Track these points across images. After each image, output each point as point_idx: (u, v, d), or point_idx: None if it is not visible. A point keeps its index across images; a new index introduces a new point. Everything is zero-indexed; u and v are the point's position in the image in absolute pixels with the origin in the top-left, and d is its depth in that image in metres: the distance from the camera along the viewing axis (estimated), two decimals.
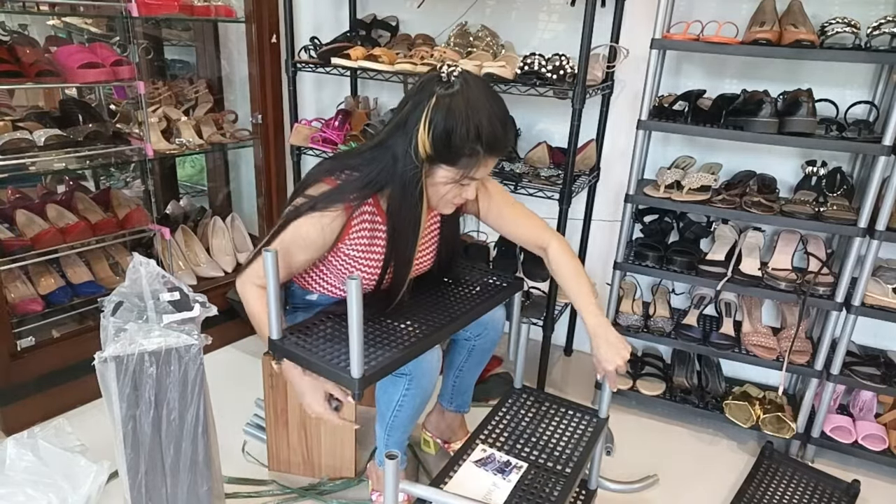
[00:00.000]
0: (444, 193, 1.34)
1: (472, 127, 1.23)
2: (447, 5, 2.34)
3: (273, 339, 1.28)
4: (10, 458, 1.52)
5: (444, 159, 1.27)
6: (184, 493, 1.38)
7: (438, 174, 1.30)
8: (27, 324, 1.97)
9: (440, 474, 1.31)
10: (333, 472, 1.76)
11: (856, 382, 1.85)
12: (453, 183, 1.31)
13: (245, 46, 2.37)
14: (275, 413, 1.72)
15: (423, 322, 1.39)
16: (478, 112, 1.23)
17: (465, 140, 1.23)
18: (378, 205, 1.39)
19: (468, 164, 1.28)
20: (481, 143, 1.24)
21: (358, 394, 1.20)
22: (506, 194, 1.58)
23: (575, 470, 1.33)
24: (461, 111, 1.22)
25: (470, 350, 1.69)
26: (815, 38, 1.65)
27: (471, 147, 1.25)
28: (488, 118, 1.24)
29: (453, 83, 1.25)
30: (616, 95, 2.19)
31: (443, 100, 1.23)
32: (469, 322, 1.49)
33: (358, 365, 1.16)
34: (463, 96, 1.23)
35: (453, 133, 1.23)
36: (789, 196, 1.98)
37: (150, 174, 2.30)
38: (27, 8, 2.23)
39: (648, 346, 2.40)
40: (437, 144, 1.25)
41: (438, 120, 1.23)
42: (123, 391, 1.24)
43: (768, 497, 1.74)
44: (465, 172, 1.29)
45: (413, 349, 1.30)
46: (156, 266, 1.37)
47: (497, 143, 1.27)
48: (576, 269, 1.51)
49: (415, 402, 1.47)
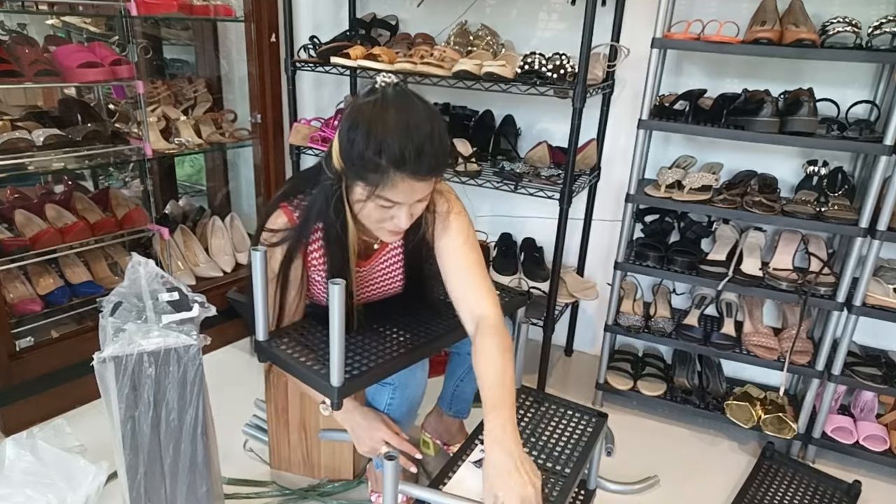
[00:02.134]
0: (368, 214, 1.23)
1: (374, 140, 1.11)
2: (447, 4, 2.33)
3: (259, 340, 1.29)
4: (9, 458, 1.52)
5: (352, 172, 1.18)
6: (183, 493, 1.38)
7: (356, 191, 1.21)
8: (26, 324, 1.97)
9: (439, 475, 1.30)
10: (332, 472, 1.75)
11: (857, 383, 1.85)
12: (369, 201, 1.20)
13: (244, 45, 2.37)
14: (276, 412, 1.72)
15: (414, 333, 1.37)
16: (386, 124, 1.11)
17: (365, 152, 1.12)
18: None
19: (376, 180, 1.15)
20: (384, 157, 1.12)
21: (336, 403, 1.18)
22: (469, 242, 1.36)
23: (574, 470, 1.33)
24: (366, 121, 1.12)
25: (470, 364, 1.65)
26: (816, 37, 1.64)
27: (374, 162, 1.12)
28: (398, 133, 1.11)
29: (376, 92, 1.16)
30: (617, 95, 2.19)
31: (356, 108, 1.16)
32: (462, 337, 1.39)
33: (338, 374, 1.14)
34: (376, 106, 1.13)
35: (355, 143, 1.14)
36: (790, 196, 1.97)
37: (148, 174, 2.30)
38: (26, 7, 2.22)
39: (649, 346, 2.40)
40: (343, 155, 1.17)
41: (344, 129, 1.16)
42: (122, 391, 1.24)
43: (769, 498, 1.74)
44: (375, 191, 1.16)
45: (397, 362, 1.29)
46: (155, 266, 1.37)
47: (403, 162, 1.12)
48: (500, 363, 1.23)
49: (401, 409, 1.46)
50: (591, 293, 2.27)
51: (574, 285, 2.26)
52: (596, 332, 2.51)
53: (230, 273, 2.48)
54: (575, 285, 2.26)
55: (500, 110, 2.34)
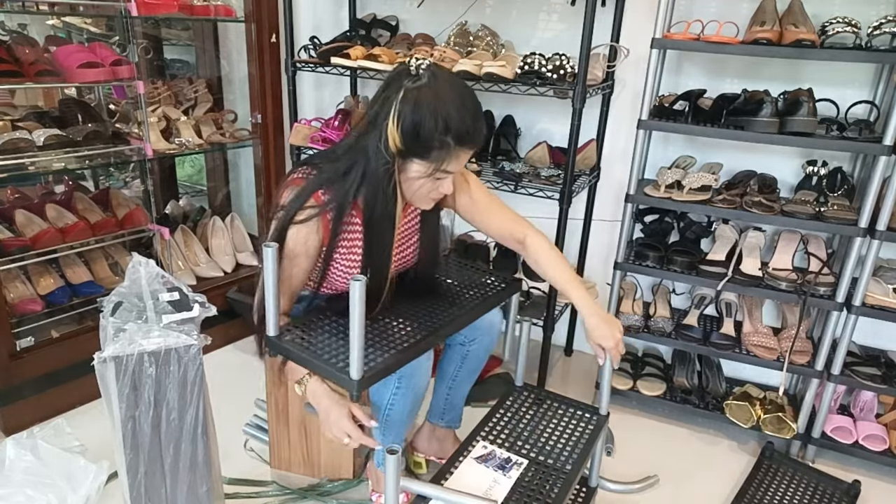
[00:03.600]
0: (419, 188, 1.32)
1: (441, 119, 1.21)
2: (447, 5, 2.34)
3: (270, 336, 1.28)
4: (10, 458, 1.52)
5: (414, 153, 1.26)
6: (183, 493, 1.38)
7: (411, 169, 1.29)
8: (26, 324, 1.97)
9: (441, 470, 1.31)
10: (332, 471, 1.75)
11: (856, 383, 1.85)
12: (427, 177, 1.30)
13: (245, 46, 2.37)
14: (276, 410, 1.72)
15: (420, 323, 1.38)
16: (445, 104, 1.22)
17: (434, 132, 1.22)
18: (356, 205, 1.37)
19: (439, 157, 1.26)
20: (451, 134, 1.23)
21: (356, 395, 1.19)
22: (483, 188, 1.56)
23: (575, 467, 1.33)
24: (429, 103, 1.21)
25: (464, 356, 1.65)
26: (815, 37, 1.65)
27: (440, 139, 1.23)
28: (457, 109, 1.23)
29: (421, 76, 1.23)
30: (616, 95, 2.19)
31: (410, 92, 1.22)
32: (467, 323, 1.48)
33: (357, 367, 1.16)
34: (431, 88, 1.22)
35: (421, 126, 1.21)
36: (790, 196, 1.98)
37: (149, 174, 2.30)
38: (26, 7, 2.23)
39: (649, 346, 2.40)
40: (406, 138, 1.23)
41: (406, 113, 1.22)
42: (123, 391, 1.24)
43: (769, 497, 1.74)
44: (437, 166, 1.27)
45: (412, 350, 1.29)
46: (155, 266, 1.37)
47: (467, 135, 1.26)
48: (556, 255, 1.51)
49: (406, 400, 1.46)
50: (591, 293, 2.27)
51: None
52: None
53: (230, 273, 2.48)
54: None
55: (500, 110, 2.34)
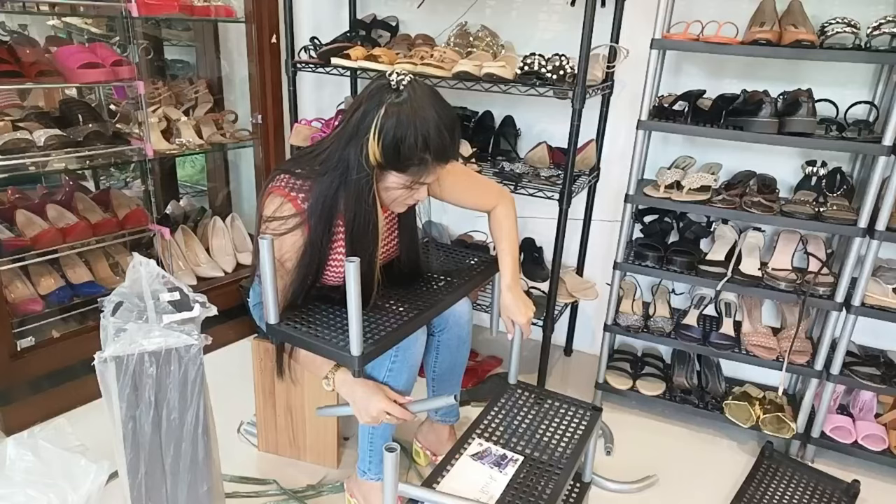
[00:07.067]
0: (397, 196, 1.38)
1: (421, 137, 1.26)
2: (447, 5, 2.34)
3: (271, 323, 1.33)
4: (10, 458, 1.52)
5: (393, 167, 1.31)
6: (184, 493, 1.38)
7: (389, 180, 1.34)
8: (27, 324, 1.97)
9: (438, 468, 1.32)
10: (316, 454, 1.81)
11: (856, 382, 1.85)
12: (404, 188, 1.35)
13: (245, 46, 2.38)
14: (263, 396, 1.78)
15: (411, 304, 1.46)
16: (426, 122, 1.26)
17: (414, 149, 1.27)
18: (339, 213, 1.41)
19: (417, 171, 1.32)
20: (429, 151, 1.28)
21: (358, 371, 1.26)
22: (457, 167, 1.58)
23: (570, 463, 1.35)
24: (410, 121, 1.25)
25: (437, 347, 1.69)
26: (814, 38, 1.65)
27: (419, 156, 1.28)
28: (436, 127, 1.27)
29: (402, 91, 1.27)
30: (616, 95, 2.19)
31: (391, 109, 1.26)
32: (458, 299, 1.59)
33: (357, 343, 1.22)
34: (411, 105, 1.26)
35: (402, 143, 1.26)
36: (789, 196, 1.98)
37: (149, 174, 2.30)
38: (27, 8, 2.23)
39: (648, 346, 2.40)
40: (386, 153, 1.28)
41: (388, 129, 1.26)
42: (123, 391, 1.24)
43: (768, 497, 1.74)
44: (414, 179, 1.33)
45: (408, 326, 1.38)
46: (156, 266, 1.37)
47: (444, 151, 1.31)
48: (507, 227, 1.61)
49: (402, 376, 1.48)
50: (591, 293, 2.28)
51: (573, 285, 2.27)
52: (595, 331, 2.51)
53: (231, 273, 2.49)
54: (574, 285, 2.27)
55: (500, 111, 2.34)
